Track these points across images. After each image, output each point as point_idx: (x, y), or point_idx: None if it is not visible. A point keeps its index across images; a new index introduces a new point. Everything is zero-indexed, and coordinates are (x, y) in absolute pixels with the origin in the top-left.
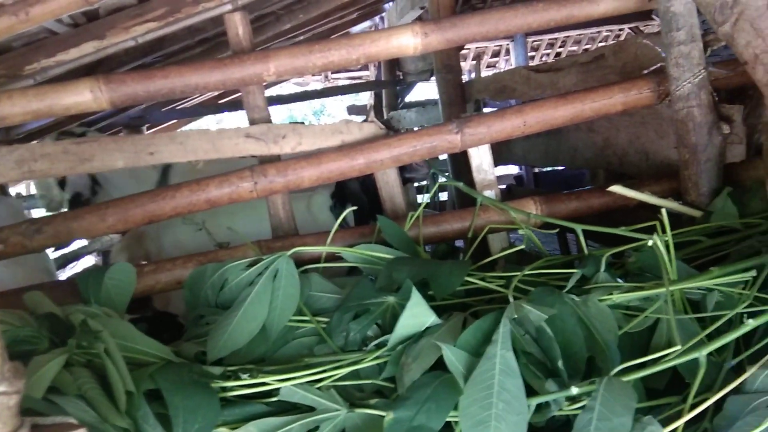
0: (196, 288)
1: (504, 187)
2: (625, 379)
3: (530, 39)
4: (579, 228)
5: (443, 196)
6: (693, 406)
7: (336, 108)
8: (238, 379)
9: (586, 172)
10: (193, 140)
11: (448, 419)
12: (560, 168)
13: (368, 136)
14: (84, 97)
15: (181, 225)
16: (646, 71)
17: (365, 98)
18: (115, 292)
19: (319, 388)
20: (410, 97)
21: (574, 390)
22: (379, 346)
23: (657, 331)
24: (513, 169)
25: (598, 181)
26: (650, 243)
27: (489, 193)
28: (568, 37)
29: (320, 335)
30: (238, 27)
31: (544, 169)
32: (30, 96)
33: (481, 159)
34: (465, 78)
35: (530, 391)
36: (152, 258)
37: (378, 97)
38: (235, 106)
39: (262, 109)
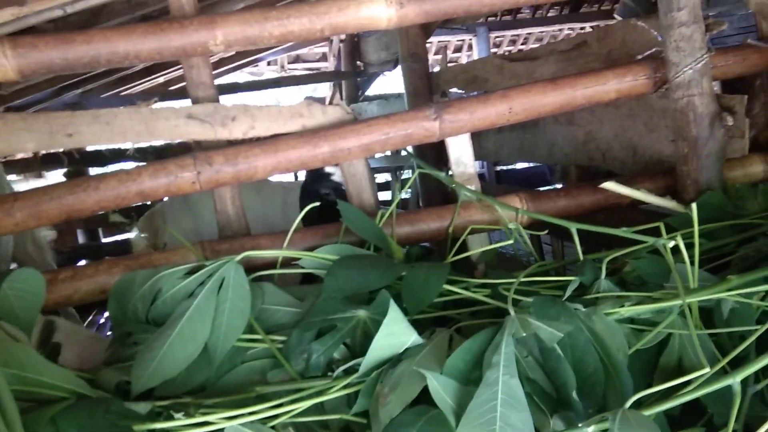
0: (122, 300)
1: None
2: (647, 412)
3: (493, 35)
4: (573, 226)
5: (404, 194)
6: None
7: (292, 101)
8: (171, 418)
9: (547, 170)
10: (122, 120)
11: None
12: (521, 167)
13: (333, 121)
14: None
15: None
16: (640, 56)
17: (323, 91)
18: (20, 305)
19: (273, 427)
20: (371, 91)
21: (590, 429)
22: (348, 372)
23: (667, 347)
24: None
25: (570, 178)
26: (670, 245)
27: None
28: (530, 34)
29: (276, 358)
30: None
31: (505, 168)
32: None
33: (460, 150)
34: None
35: None
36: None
37: (338, 89)
38: (186, 94)
39: (207, 87)
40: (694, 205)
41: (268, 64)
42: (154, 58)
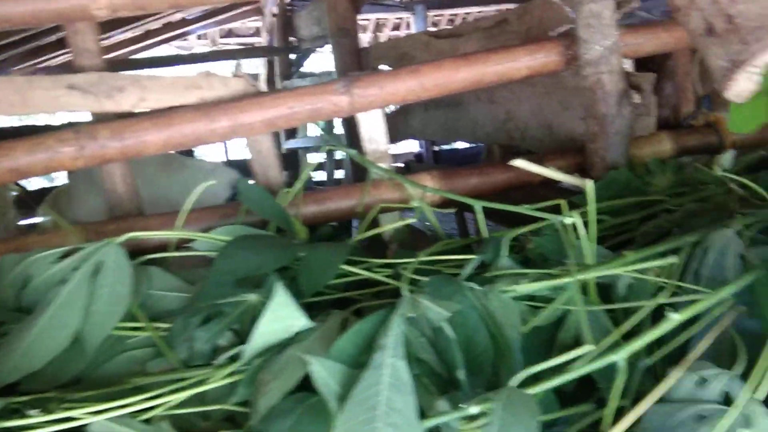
0: None
1: (402, 165)
2: (532, 390)
3: (431, 13)
4: (478, 204)
5: (339, 174)
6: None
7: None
8: (27, 415)
9: (483, 150)
10: None
11: None
12: (461, 147)
13: (236, 93)
14: None
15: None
16: (553, 33)
17: (258, 68)
18: None
19: (148, 420)
20: (308, 69)
21: (472, 409)
22: (233, 359)
23: (564, 324)
24: (413, 148)
25: (493, 157)
26: (567, 221)
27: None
28: (468, 13)
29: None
30: None
31: (445, 147)
32: None
33: (372, 127)
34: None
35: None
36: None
37: (271, 66)
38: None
39: (93, 55)
40: (590, 183)
41: (199, 38)
42: (28, 22)
